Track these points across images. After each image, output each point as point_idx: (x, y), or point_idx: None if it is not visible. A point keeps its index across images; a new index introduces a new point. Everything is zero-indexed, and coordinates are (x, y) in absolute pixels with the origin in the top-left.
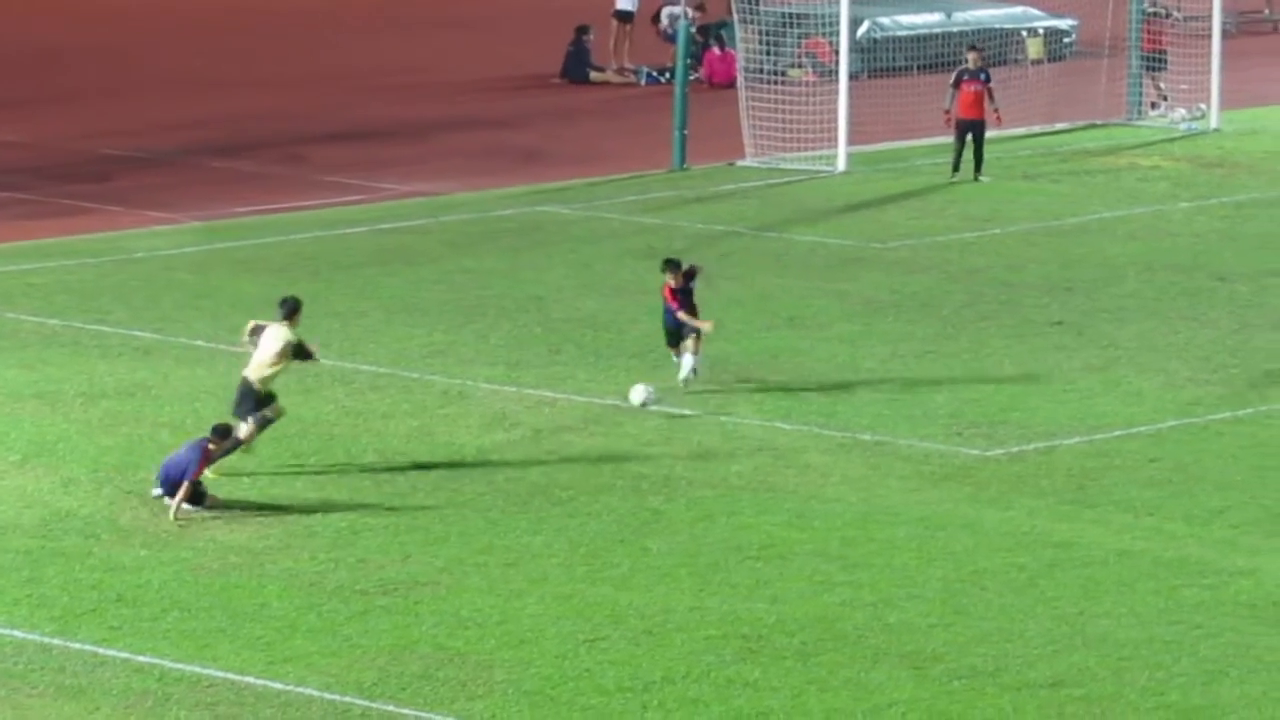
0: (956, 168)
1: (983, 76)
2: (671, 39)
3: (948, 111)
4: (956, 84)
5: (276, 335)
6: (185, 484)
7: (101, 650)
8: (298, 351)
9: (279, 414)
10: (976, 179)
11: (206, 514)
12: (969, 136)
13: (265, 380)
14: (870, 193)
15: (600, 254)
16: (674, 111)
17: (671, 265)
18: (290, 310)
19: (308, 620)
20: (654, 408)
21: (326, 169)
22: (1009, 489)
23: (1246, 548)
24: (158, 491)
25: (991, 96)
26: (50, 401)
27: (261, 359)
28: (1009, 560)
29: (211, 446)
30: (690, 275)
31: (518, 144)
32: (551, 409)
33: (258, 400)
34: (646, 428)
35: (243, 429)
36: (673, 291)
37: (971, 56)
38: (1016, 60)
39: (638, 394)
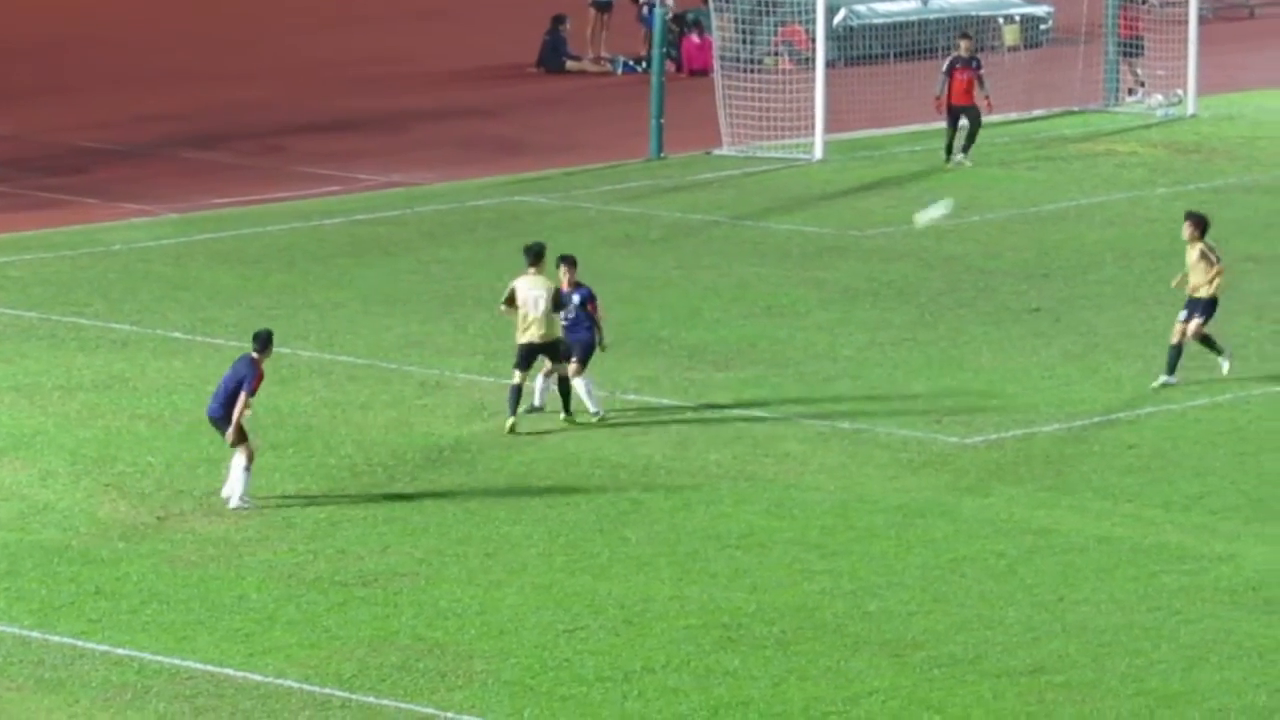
0: (950, 153)
1: (974, 64)
2: (650, 23)
3: (939, 97)
4: (949, 71)
5: (544, 286)
6: (244, 395)
7: (80, 643)
8: (554, 298)
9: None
10: (960, 161)
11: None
12: (961, 121)
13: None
14: (847, 181)
15: (577, 243)
16: (651, 101)
17: (565, 261)
18: (536, 256)
19: (286, 612)
20: (632, 396)
21: (303, 160)
22: (987, 476)
23: (1225, 533)
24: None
25: (982, 83)
26: (27, 394)
27: (546, 315)
28: (988, 547)
29: (255, 356)
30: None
31: (494, 134)
32: (530, 398)
33: (557, 345)
34: (625, 417)
35: (571, 367)
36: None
37: (964, 44)
38: (993, 47)
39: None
